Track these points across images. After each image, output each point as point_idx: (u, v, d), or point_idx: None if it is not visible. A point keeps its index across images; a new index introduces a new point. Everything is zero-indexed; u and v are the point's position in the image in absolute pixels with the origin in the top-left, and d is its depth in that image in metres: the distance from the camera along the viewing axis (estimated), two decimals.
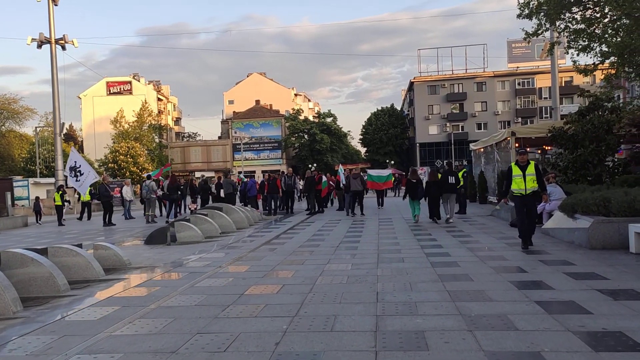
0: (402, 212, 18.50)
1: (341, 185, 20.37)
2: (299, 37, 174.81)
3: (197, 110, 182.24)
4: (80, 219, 22.42)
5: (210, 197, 22.15)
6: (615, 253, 8.24)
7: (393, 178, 28.54)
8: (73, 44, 32.55)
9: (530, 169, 9.06)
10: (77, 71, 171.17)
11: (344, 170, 22.33)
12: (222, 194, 21.02)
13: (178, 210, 20.91)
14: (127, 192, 22.83)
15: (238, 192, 21.67)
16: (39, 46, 31.56)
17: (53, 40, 31.34)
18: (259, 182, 22.94)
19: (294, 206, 21.38)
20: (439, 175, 15.38)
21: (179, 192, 19.49)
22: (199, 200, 22.39)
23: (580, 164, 14.04)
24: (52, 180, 34.66)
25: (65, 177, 40.80)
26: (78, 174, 20.44)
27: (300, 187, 20.99)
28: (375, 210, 21.25)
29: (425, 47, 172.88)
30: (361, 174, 19.95)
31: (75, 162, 20.28)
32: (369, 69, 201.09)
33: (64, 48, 32.33)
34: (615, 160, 14.84)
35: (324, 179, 22.07)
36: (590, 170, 13.93)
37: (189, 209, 21.14)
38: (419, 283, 6.58)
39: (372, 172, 24.63)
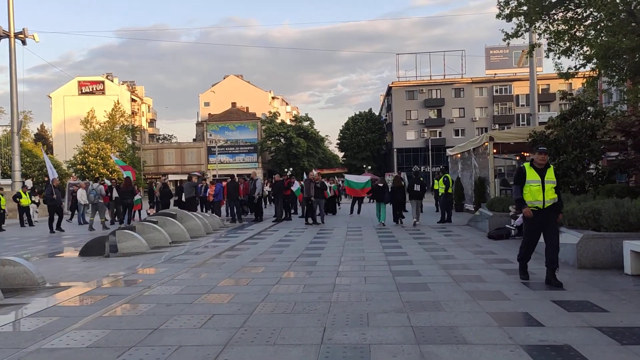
0: (375, 220, 17.39)
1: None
2: (279, 42, 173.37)
3: (176, 112, 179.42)
4: (22, 225, 20.34)
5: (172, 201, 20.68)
6: (609, 274, 7.17)
7: (371, 185, 27.28)
8: (34, 39, 31.02)
9: (550, 174, 6.80)
10: (52, 71, 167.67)
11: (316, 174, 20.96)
12: (183, 198, 19.58)
13: (138, 216, 19.43)
14: (82, 195, 21.26)
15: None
16: None
17: (12, 34, 29.73)
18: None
19: (262, 212, 20.06)
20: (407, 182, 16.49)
21: (134, 197, 18.00)
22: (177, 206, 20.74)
23: (563, 171, 13.05)
24: (9, 182, 32.66)
25: (26, 178, 38.94)
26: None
27: (259, 193, 19.43)
28: (346, 217, 20.11)
29: (404, 53, 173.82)
30: (313, 180, 17.38)
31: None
32: (349, 75, 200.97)
33: (24, 43, 30.69)
34: (599, 168, 13.91)
35: (297, 185, 20.75)
36: (572, 178, 12.98)
37: (147, 213, 19.68)
38: (378, 314, 5.37)
39: (350, 177, 23.29)
